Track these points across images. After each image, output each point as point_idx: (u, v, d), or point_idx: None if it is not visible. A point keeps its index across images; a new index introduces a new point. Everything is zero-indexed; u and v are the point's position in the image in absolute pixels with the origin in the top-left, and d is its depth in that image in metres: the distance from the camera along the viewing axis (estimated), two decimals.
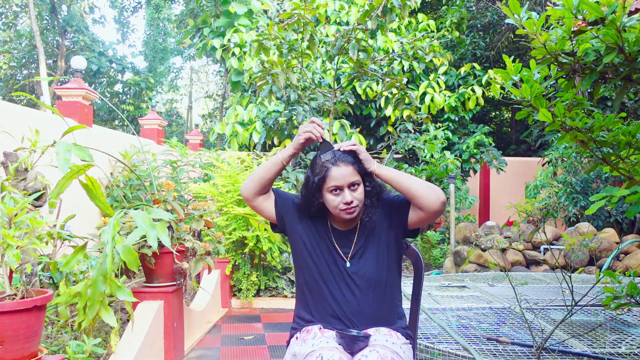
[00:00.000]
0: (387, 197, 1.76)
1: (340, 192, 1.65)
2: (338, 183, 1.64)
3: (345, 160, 1.66)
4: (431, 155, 7.18)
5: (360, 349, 1.54)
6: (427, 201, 1.62)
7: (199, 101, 27.08)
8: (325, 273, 1.71)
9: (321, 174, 1.65)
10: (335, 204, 1.66)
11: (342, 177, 1.64)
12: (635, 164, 1.90)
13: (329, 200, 1.67)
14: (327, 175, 1.65)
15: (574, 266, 5.67)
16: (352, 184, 1.66)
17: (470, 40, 9.67)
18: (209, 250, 3.26)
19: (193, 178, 6.42)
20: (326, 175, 1.65)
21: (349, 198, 1.65)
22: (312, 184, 1.68)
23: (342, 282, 1.70)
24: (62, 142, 1.68)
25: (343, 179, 1.65)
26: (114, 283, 1.78)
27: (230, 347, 3.62)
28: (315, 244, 1.74)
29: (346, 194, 1.65)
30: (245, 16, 9.27)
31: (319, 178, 1.66)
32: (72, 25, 17.84)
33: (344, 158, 1.67)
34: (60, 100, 5.51)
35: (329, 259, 1.73)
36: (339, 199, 1.66)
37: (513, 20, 1.78)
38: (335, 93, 5.37)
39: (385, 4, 4.61)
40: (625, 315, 3.34)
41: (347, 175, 1.65)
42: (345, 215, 1.67)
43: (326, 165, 1.66)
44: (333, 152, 1.68)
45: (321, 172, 1.66)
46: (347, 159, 1.67)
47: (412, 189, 1.64)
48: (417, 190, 1.63)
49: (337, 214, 1.68)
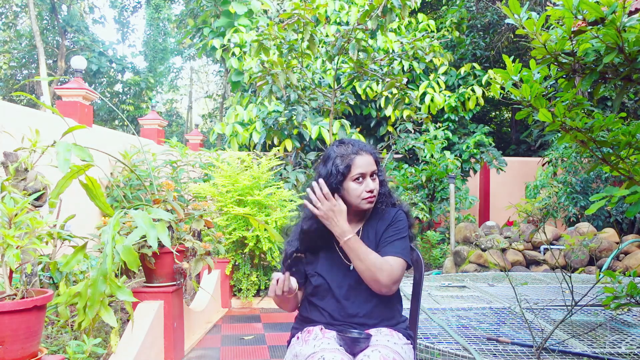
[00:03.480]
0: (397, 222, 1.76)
1: (363, 180, 1.70)
2: (363, 170, 1.69)
3: (367, 150, 1.73)
4: (431, 155, 7.18)
5: (361, 349, 1.54)
6: (370, 284, 1.66)
7: (199, 101, 27.10)
8: (328, 277, 1.73)
9: (346, 163, 1.69)
10: (358, 193, 1.70)
11: (366, 165, 1.70)
12: (635, 164, 1.90)
13: (352, 190, 1.70)
14: (353, 163, 1.69)
15: (574, 266, 5.67)
16: (373, 172, 1.72)
17: (470, 40, 9.67)
18: (209, 250, 3.26)
19: (193, 178, 6.42)
20: (352, 163, 1.69)
21: (373, 186, 1.71)
22: (336, 176, 1.69)
23: (344, 284, 1.71)
24: (62, 142, 1.68)
25: (367, 167, 1.70)
26: (114, 283, 1.78)
27: (230, 347, 3.62)
28: (321, 260, 1.76)
29: (369, 182, 1.70)
30: (245, 16, 9.26)
31: (344, 167, 1.68)
32: (72, 25, 17.84)
33: (365, 147, 1.73)
34: (60, 100, 5.51)
35: (332, 263, 1.74)
36: (362, 187, 1.70)
37: (513, 20, 1.78)
38: (335, 93, 5.37)
39: (385, 4, 4.61)
40: (625, 315, 3.34)
41: (370, 164, 1.71)
42: (367, 204, 1.71)
43: (351, 155, 1.70)
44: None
45: (346, 162, 1.69)
46: (368, 148, 1.73)
47: (360, 272, 1.65)
48: (363, 275, 1.65)
49: (358, 204, 1.71)
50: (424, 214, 6.69)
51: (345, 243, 1.65)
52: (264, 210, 4.88)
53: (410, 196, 6.93)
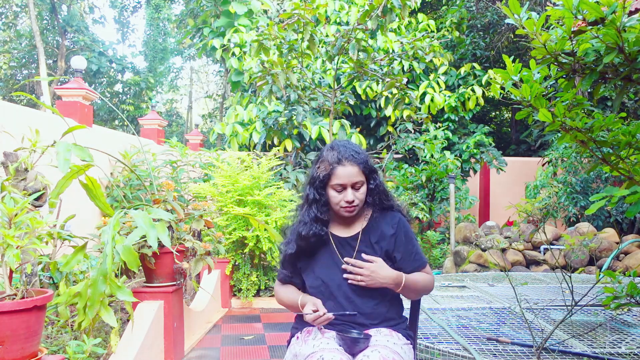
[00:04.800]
0: (405, 232, 1.77)
1: (343, 190, 1.69)
2: (342, 182, 1.68)
3: (352, 160, 1.68)
4: (431, 155, 7.18)
5: (360, 350, 1.54)
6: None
7: (199, 101, 27.09)
8: (327, 278, 1.72)
9: (327, 172, 1.69)
10: (337, 201, 1.70)
11: (347, 177, 1.68)
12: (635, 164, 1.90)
13: (331, 197, 1.71)
14: (333, 173, 1.68)
15: (574, 266, 5.67)
16: (356, 183, 1.69)
17: (470, 40, 9.66)
18: (209, 250, 3.26)
19: (193, 178, 6.42)
20: (332, 173, 1.68)
21: (351, 197, 1.69)
22: (317, 181, 1.71)
23: (343, 286, 1.71)
24: (62, 142, 1.68)
25: (348, 178, 1.68)
26: (114, 283, 1.78)
27: (230, 347, 3.62)
28: (319, 263, 1.76)
29: (348, 193, 1.68)
30: (245, 16, 9.26)
31: (324, 175, 1.69)
32: (72, 25, 17.84)
33: (351, 157, 1.69)
34: (60, 100, 5.51)
35: (330, 264, 1.74)
36: (341, 196, 1.70)
37: (513, 20, 1.78)
38: (335, 93, 5.37)
39: (385, 4, 4.60)
40: (625, 315, 3.34)
41: (352, 175, 1.68)
42: (345, 212, 1.71)
43: (333, 164, 1.68)
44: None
45: (327, 170, 1.69)
46: (354, 159, 1.69)
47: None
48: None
49: (337, 210, 1.72)
50: (424, 214, 6.69)
51: (403, 289, 1.70)
52: (264, 210, 4.88)
53: (410, 196, 6.93)
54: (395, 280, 1.67)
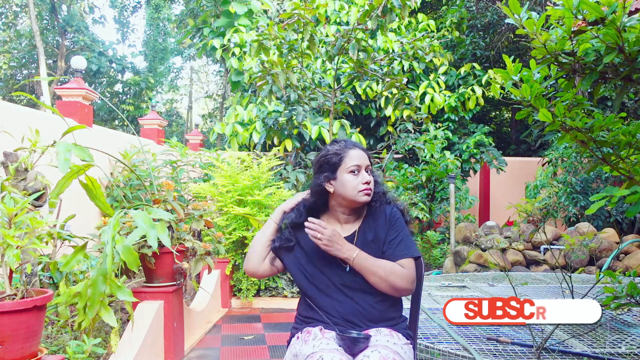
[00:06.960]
0: (395, 221, 1.76)
1: (359, 172, 1.70)
2: (358, 162, 1.70)
3: (359, 147, 1.74)
4: (431, 155, 7.18)
5: (360, 350, 1.54)
6: (389, 292, 1.67)
7: (199, 101, 27.09)
8: (326, 278, 1.72)
9: (338, 156, 1.70)
10: (354, 184, 1.69)
11: (361, 158, 1.71)
12: (635, 164, 1.90)
13: (347, 182, 1.69)
14: (346, 155, 1.70)
15: (574, 266, 5.67)
16: (368, 166, 1.73)
17: (470, 40, 9.66)
18: (209, 250, 3.26)
19: (193, 178, 6.42)
20: (344, 156, 1.70)
21: (368, 177, 1.70)
22: (329, 166, 1.71)
23: (342, 286, 1.70)
24: (62, 142, 1.68)
25: (362, 160, 1.71)
26: (114, 283, 1.78)
27: (230, 347, 3.62)
28: (312, 262, 1.75)
29: (365, 175, 1.70)
30: (245, 16, 9.26)
31: (338, 159, 1.70)
32: (72, 25, 17.83)
33: (358, 145, 1.75)
34: (60, 100, 5.51)
35: (330, 264, 1.73)
36: (358, 179, 1.70)
37: (513, 20, 1.78)
38: (335, 93, 5.36)
39: (385, 4, 4.60)
40: (625, 315, 3.34)
41: (365, 158, 1.72)
42: (364, 196, 1.70)
43: (343, 149, 1.72)
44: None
45: (338, 155, 1.71)
46: (361, 147, 1.75)
47: (376, 284, 1.66)
48: (380, 287, 1.66)
49: (354, 196, 1.70)
50: (424, 214, 6.69)
51: (354, 262, 1.65)
52: (264, 210, 4.88)
53: (410, 196, 6.93)
54: (348, 251, 1.64)
